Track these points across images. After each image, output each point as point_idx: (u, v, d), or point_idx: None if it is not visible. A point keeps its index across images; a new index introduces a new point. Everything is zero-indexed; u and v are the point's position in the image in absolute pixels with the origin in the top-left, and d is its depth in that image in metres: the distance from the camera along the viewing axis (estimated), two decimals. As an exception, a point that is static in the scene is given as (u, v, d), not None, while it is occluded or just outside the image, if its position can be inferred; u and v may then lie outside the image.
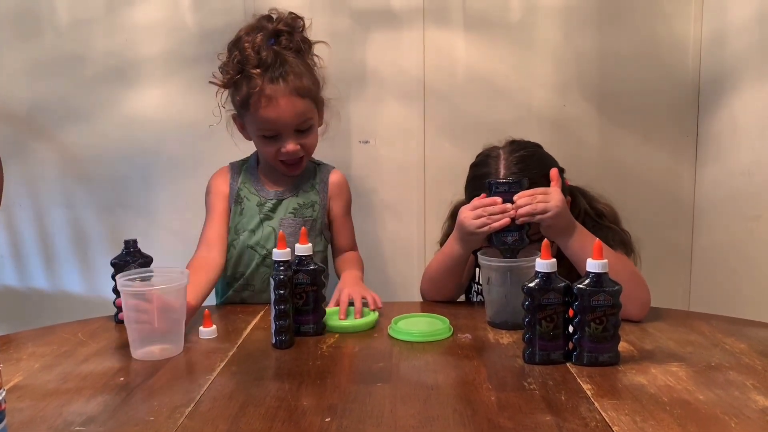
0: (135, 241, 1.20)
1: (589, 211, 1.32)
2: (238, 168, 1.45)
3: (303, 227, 1.15)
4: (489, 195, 1.16)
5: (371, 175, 1.70)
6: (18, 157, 1.70)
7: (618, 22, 1.63)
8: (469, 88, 1.65)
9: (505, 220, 1.13)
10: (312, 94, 1.34)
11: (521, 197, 1.13)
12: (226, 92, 1.36)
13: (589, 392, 0.87)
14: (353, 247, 1.48)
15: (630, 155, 1.66)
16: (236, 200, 1.41)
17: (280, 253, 1.08)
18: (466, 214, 1.18)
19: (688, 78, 1.63)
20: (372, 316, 1.17)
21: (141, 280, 1.05)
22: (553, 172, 1.20)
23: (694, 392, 0.86)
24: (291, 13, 1.37)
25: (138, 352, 1.03)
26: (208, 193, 1.43)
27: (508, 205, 1.14)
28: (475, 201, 1.17)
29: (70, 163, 1.72)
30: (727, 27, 1.53)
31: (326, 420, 0.79)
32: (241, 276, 1.39)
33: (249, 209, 1.39)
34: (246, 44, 1.30)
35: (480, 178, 1.23)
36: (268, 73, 1.29)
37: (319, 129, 1.43)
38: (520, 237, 1.14)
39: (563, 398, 0.85)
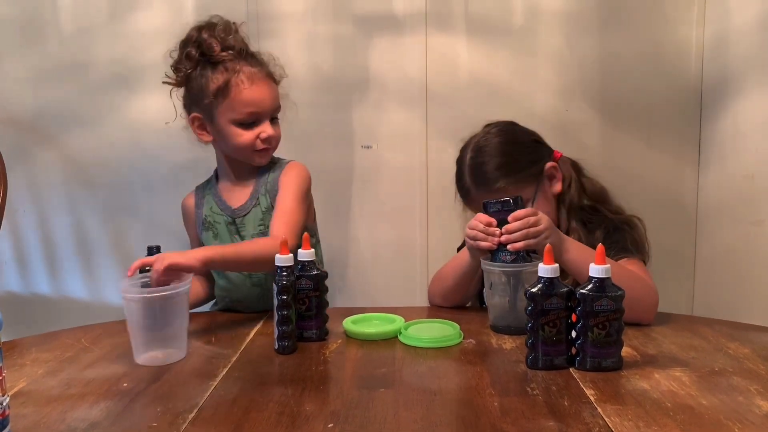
0: (159, 247, 1.20)
1: (579, 192, 1.36)
2: (202, 191, 1.42)
3: (305, 233, 1.15)
4: (487, 215, 1.18)
5: (374, 180, 1.70)
6: (22, 163, 1.70)
7: (620, 27, 1.63)
8: (472, 93, 1.66)
9: (488, 244, 1.15)
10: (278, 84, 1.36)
11: (514, 219, 1.14)
12: (181, 93, 1.37)
13: (592, 397, 0.86)
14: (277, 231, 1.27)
15: (633, 159, 1.66)
16: (205, 227, 1.38)
17: (282, 259, 1.08)
18: (467, 227, 1.21)
19: (690, 82, 1.63)
20: (397, 325, 1.16)
21: (142, 286, 1.06)
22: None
23: (698, 397, 0.85)
24: (221, 17, 1.35)
25: (141, 358, 1.03)
26: (182, 217, 1.47)
27: (496, 230, 1.15)
28: (477, 215, 1.20)
29: (73, 168, 1.73)
30: (729, 31, 1.53)
31: (329, 426, 0.79)
32: (235, 299, 1.37)
33: (222, 231, 1.36)
34: (204, 35, 1.30)
35: (457, 179, 1.37)
36: (242, 58, 1.30)
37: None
38: (519, 256, 1.14)
39: (566, 403, 0.85)
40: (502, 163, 1.31)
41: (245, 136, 1.31)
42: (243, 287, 1.35)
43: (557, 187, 1.35)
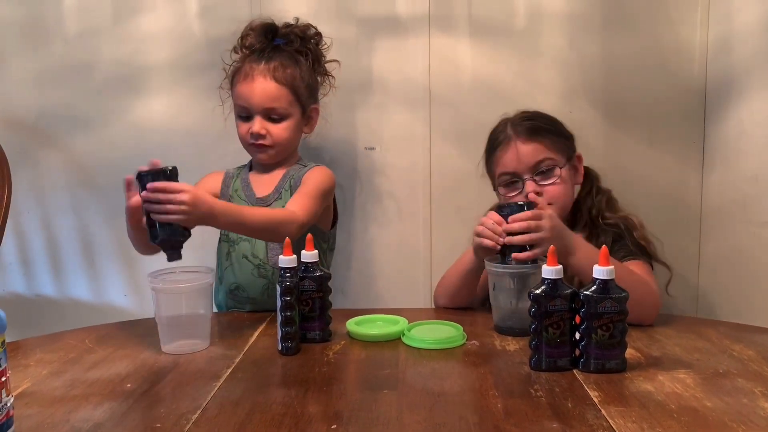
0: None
1: (598, 200, 1.40)
2: (234, 174, 1.47)
3: (309, 234, 1.15)
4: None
5: (377, 182, 1.70)
6: (26, 164, 1.71)
7: (623, 29, 1.62)
8: (475, 95, 1.65)
9: (490, 243, 1.15)
10: (295, 87, 1.38)
11: (514, 221, 1.14)
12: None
13: (595, 399, 0.86)
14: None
15: (636, 161, 1.66)
16: None
17: (286, 260, 1.08)
18: (478, 224, 1.20)
19: (694, 84, 1.63)
20: (400, 326, 1.16)
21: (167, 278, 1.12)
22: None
23: (702, 399, 0.85)
24: (309, 24, 1.47)
25: (168, 347, 1.09)
26: (200, 179, 1.46)
27: (502, 228, 1.15)
28: (490, 214, 1.20)
29: (77, 170, 1.73)
30: (733, 33, 1.52)
31: (332, 427, 0.79)
32: (241, 287, 1.39)
33: None
34: (245, 31, 1.43)
35: (492, 138, 1.39)
36: (254, 54, 1.39)
37: (308, 137, 1.50)
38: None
39: (570, 405, 0.85)
40: (550, 122, 1.38)
41: (241, 128, 1.40)
42: (248, 277, 1.37)
43: (579, 178, 1.40)
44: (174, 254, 1.08)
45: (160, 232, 1.06)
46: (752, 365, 0.97)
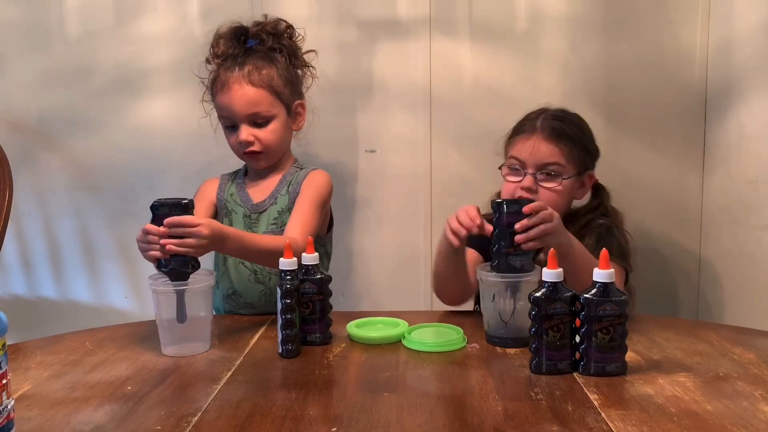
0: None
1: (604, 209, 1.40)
2: (228, 179, 1.45)
3: (309, 236, 1.16)
4: (499, 216, 1.09)
5: (378, 184, 1.70)
6: (27, 166, 1.71)
7: (624, 31, 1.63)
8: (476, 98, 1.66)
9: (461, 230, 1.14)
10: (273, 87, 1.35)
11: (525, 224, 1.08)
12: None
13: (596, 402, 0.86)
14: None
15: (637, 164, 1.66)
16: (225, 212, 1.40)
17: (286, 263, 1.08)
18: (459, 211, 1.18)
19: (695, 86, 1.63)
20: (400, 329, 1.15)
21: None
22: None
23: (702, 403, 0.85)
24: (279, 19, 1.42)
25: (168, 349, 1.09)
26: (197, 191, 1.45)
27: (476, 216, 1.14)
28: (468, 209, 1.17)
29: (78, 172, 1.73)
30: (733, 35, 1.53)
31: (333, 430, 0.79)
32: (237, 292, 1.38)
33: (237, 222, 1.38)
34: (216, 39, 1.39)
35: (521, 122, 1.38)
36: (227, 62, 1.36)
37: (299, 133, 1.47)
38: (528, 262, 1.09)
39: (570, 408, 0.85)
40: (579, 131, 1.36)
41: (230, 139, 1.38)
42: (245, 283, 1.36)
43: (580, 193, 1.39)
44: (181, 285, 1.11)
45: (170, 262, 1.09)
46: (753, 368, 0.97)
